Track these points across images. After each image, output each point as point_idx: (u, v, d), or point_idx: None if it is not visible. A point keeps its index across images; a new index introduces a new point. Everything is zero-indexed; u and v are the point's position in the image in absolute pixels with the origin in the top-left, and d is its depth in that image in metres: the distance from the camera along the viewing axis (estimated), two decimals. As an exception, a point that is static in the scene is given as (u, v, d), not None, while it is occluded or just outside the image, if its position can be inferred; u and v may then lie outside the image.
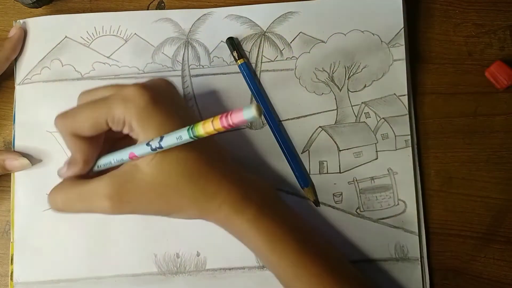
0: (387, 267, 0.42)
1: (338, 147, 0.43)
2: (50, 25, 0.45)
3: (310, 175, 0.43)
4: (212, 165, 0.35)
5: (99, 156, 0.37)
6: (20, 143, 0.43)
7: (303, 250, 0.36)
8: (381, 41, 0.44)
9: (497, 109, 0.44)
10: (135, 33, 0.45)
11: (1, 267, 0.43)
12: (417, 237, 0.42)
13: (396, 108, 0.43)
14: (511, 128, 0.44)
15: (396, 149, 0.43)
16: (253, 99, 0.39)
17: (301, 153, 0.43)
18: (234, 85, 0.44)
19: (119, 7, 0.46)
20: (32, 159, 0.43)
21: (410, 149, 0.43)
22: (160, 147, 0.31)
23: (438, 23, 0.46)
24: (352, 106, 0.44)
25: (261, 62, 0.44)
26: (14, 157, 0.42)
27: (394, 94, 0.44)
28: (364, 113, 0.44)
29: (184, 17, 0.45)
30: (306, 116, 0.44)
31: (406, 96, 0.43)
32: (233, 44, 0.44)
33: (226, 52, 0.44)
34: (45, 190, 0.42)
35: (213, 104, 0.44)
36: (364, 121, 0.44)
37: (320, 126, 0.43)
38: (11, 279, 0.42)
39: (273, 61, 0.44)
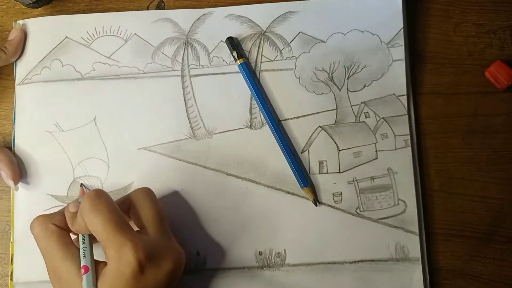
0: (387, 267, 0.42)
1: (337, 147, 0.43)
2: (50, 26, 0.45)
3: (309, 175, 0.43)
4: None
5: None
6: (20, 143, 0.43)
7: None
8: (381, 41, 0.44)
9: (497, 109, 0.44)
10: (135, 33, 0.45)
11: (1, 267, 0.43)
12: (418, 237, 0.42)
13: (395, 108, 0.43)
14: (511, 128, 0.44)
15: (396, 149, 0.43)
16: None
17: (301, 153, 0.43)
18: (234, 84, 0.44)
19: (119, 7, 0.46)
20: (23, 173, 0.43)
21: (409, 149, 0.43)
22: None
23: (438, 23, 0.46)
24: (351, 106, 0.44)
25: (261, 62, 0.44)
26: (7, 175, 0.42)
27: (394, 94, 0.44)
28: (364, 113, 0.44)
29: (183, 17, 0.45)
30: (305, 116, 0.44)
31: (406, 96, 0.43)
32: (233, 43, 0.44)
33: (225, 52, 0.44)
34: (45, 190, 0.43)
35: (213, 104, 0.44)
36: (363, 121, 0.43)
37: (319, 126, 0.43)
38: (11, 279, 0.42)
39: (272, 60, 0.44)
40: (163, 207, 0.39)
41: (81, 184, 0.39)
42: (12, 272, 0.42)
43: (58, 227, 0.36)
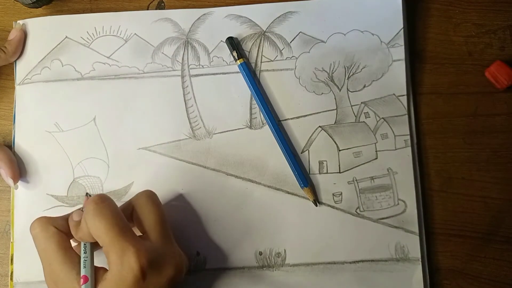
0: (387, 267, 0.42)
1: (337, 147, 0.43)
2: (50, 26, 0.45)
3: (310, 175, 0.43)
4: None
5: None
6: (20, 143, 0.43)
7: None
8: (381, 42, 0.44)
9: (497, 109, 0.44)
10: (135, 33, 0.45)
11: (1, 267, 0.43)
12: (418, 237, 0.42)
13: (395, 108, 0.43)
14: (511, 128, 0.44)
15: (396, 149, 0.43)
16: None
17: (301, 153, 0.43)
18: (234, 85, 0.44)
19: (119, 7, 0.46)
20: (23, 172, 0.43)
21: (409, 149, 0.43)
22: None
23: (438, 23, 0.46)
24: (351, 106, 0.44)
25: (261, 62, 0.44)
26: (6, 173, 0.42)
27: (394, 94, 0.44)
28: (364, 113, 0.44)
29: (183, 17, 0.45)
30: (306, 116, 0.44)
31: (405, 96, 0.43)
32: (233, 43, 0.44)
33: (225, 52, 0.44)
34: (45, 190, 0.43)
35: (213, 104, 0.44)
36: (363, 121, 0.44)
37: (320, 126, 0.43)
38: (11, 279, 0.42)
39: (272, 60, 0.44)
40: (165, 209, 0.39)
41: (87, 193, 0.39)
42: (12, 272, 0.42)
43: (59, 231, 0.36)
